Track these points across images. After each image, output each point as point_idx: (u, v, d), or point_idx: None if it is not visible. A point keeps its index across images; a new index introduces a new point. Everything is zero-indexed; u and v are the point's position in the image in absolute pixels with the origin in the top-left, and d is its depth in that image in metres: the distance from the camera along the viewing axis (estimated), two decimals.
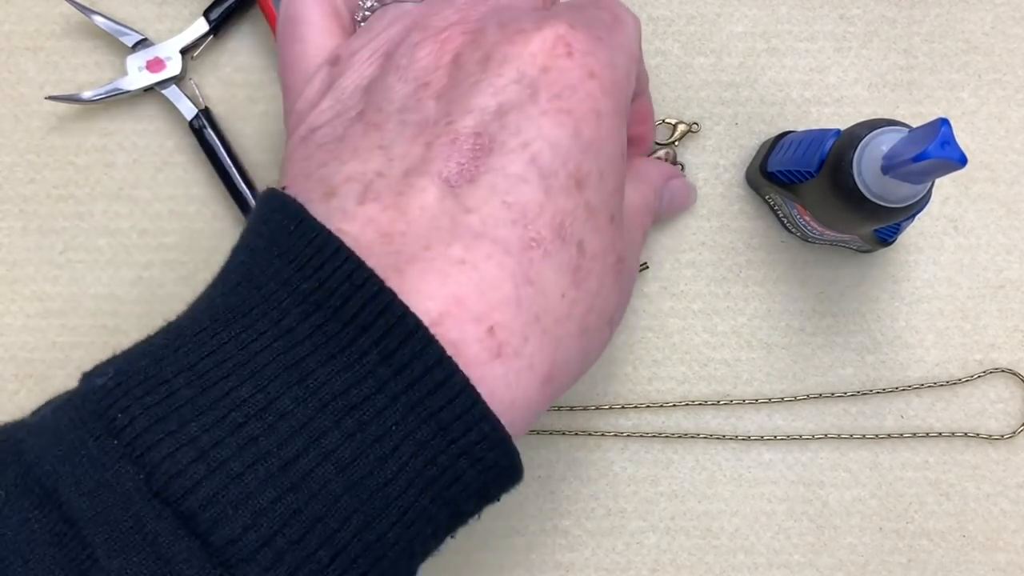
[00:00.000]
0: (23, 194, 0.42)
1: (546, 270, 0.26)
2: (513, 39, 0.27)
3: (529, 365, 0.26)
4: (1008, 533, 0.40)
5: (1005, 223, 0.41)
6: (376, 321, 0.24)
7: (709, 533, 0.40)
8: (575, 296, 0.27)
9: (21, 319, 0.41)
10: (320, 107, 0.29)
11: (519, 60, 0.27)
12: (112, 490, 0.22)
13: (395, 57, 0.28)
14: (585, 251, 0.27)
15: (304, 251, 0.25)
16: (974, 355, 0.41)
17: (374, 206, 0.25)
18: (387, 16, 0.30)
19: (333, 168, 0.27)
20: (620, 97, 0.28)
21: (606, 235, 0.28)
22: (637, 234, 0.32)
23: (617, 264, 0.29)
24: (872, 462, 0.40)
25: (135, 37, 0.41)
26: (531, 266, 0.26)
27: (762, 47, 0.42)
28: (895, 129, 0.31)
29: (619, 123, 0.28)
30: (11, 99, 0.42)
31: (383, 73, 0.28)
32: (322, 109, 0.29)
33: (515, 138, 0.26)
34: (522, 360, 0.26)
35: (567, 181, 0.26)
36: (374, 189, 0.26)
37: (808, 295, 0.41)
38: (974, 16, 0.41)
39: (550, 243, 0.26)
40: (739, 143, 0.41)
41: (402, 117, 0.27)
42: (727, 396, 0.41)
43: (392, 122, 0.27)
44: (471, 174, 0.26)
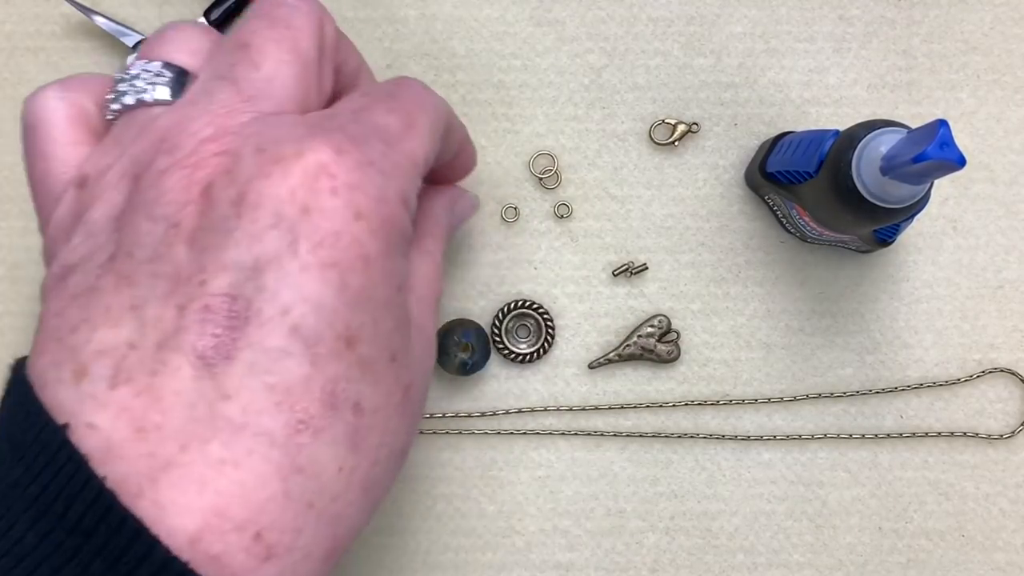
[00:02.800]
0: (23, 194, 0.42)
1: (318, 450, 0.24)
2: (270, 172, 0.24)
3: (305, 556, 0.24)
4: (1007, 533, 0.40)
5: (1004, 223, 0.41)
6: (98, 527, 0.22)
7: (709, 533, 0.40)
8: (355, 462, 0.25)
9: (21, 319, 0.41)
10: (72, 242, 0.26)
11: (276, 200, 0.24)
12: None
13: (142, 186, 0.25)
14: (363, 409, 0.25)
15: (32, 448, 0.23)
16: (973, 355, 0.41)
17: (126, 390, 0.23)
18: (134, 126, 0.27)
19: (84, 335, 0.24)
20: (392, 231, 0.26)
21: (387, 379, 0.26)
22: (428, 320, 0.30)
23: (404, 397, 0.27)
24: (872, 462, 0.41)
25: (135, 37, 0.41)
26: (299, 452, 0.24)
27: (761, 48, 0.42)
28: (894, 130, 0.31)
29: (392, 261, 0.26)
30: (11, 99, 0.42)
31: (131, 207, 0.25)
32: (73, 246, 0.26)
33: (273, 304, 0.24)
34: (296, 553, 0.24)
35: (335, 344, 0.24)
36: (126, 368, 0.23)
37: (808, 295, 0.41)
38: (973, 16, 0.42)
39: (320, 419, 0.24)
40: (738, 143, 0.41)
41: (153, 268, 0.24)
42: (727, 396, 0.41)
43: (143, 274, 0.24)
44: (228, 349, 0.23)
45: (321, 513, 0.24)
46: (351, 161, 0.25)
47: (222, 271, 0.24)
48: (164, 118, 0.26)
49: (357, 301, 0.25)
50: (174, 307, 0.24)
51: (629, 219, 0.41)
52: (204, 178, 0.25)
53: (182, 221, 0.25)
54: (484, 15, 0.42)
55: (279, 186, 0.24)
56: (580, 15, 0.42)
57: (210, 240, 0.24)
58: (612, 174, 0.41)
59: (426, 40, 0.42)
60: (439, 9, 0.42)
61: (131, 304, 0.24)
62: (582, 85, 0.42)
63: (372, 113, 0.27)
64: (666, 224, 0.41)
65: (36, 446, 0.23)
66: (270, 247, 0.24)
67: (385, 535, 0.40)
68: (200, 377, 0.23)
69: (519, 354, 0.41)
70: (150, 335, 0.24)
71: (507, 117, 0.42)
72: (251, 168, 0.24)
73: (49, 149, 0.28)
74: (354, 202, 0.25)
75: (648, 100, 0.42)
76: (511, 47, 0.42)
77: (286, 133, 0.25)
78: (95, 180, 0.27)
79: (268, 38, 0.27)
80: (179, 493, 0.23)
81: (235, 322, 0.24)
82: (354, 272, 0.25)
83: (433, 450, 0.41)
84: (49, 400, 0.24)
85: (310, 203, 0.24)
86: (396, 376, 0.27)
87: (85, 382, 0.24)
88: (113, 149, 0.27)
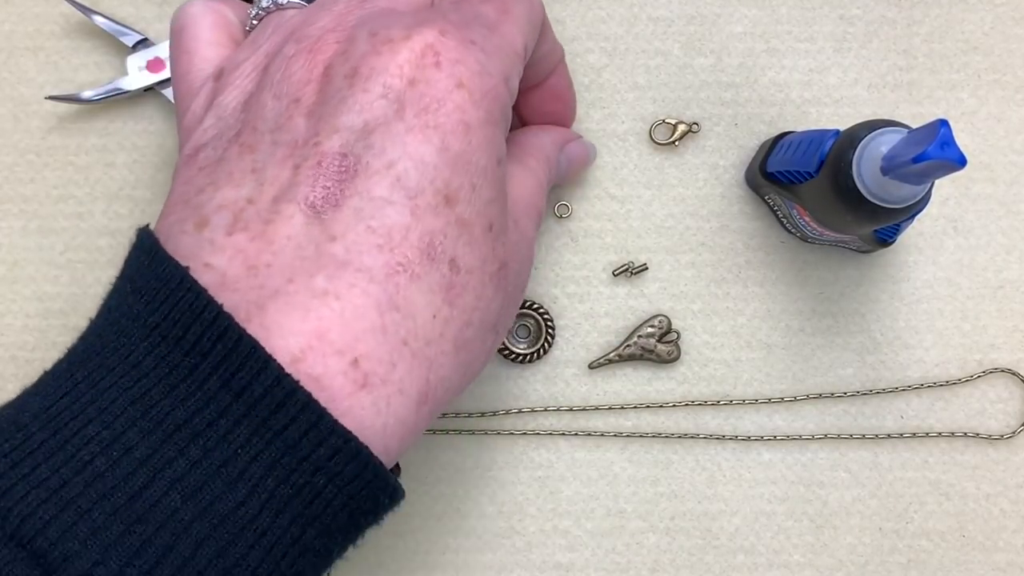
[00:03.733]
0: (23, 194, 0.42)
1: (414, 293, 0.26)
2: (380, 50, 0.27)
3: (399, 390, 0.26)
4: (1008, 533, 0.40)
5: (1005, 223, 0.41)
6: (214, 347, 0.24)
7: (709, 533, 0.40)
8: (448, 314, 0.27)
9: (21, 319, 0.41)
10: (204, 125, 0.29)
11: (386, 73, 0.27)
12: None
13: (271, 71, 0.28)
14: (459, 267, 0.27)
15: (152, 285, 0.25)
16: (974, 355, 0.41)
17: (242, 236, 0.26)
18: (269, 26, 0.30)
19: (208, 195, 0.27)
20: (493, 105, 0.28)
21: (483, 246, 0.28)
22: (528, 226, 0.32)
23: (500, 271, 0.29)
24: (872, 462, 0.40)
25: (135, 37, 0.41)
26: (397, 291, 0.26)
27: (762, 47, 0.42)
28: (895, 130, 0.31)
29: (493, 131, 0.28)
30: (11, 99, 0.42)
31: (259, 88, 0.28)
32: (205, 127, 0.29)
33: (380, 159, 0.26)
34: (390, 386, 0.26)
35: (435, 199, 0.26)
36: (243, 218, 0.26)
37: (808, 295, 0.41)
38: (974, 16, 0.41)
39: (418, 265, 0.26)
40: (739, 143, 0.41)
41: (274, 137, 0.27)
42: (727, 396, 0.41)
43: (265, 143, 0.27)
44: (336, 199, 0.26)
45: (415, 353, 0.26)
46: (454, 40, 0.27)
47: (335, 133, 0.26)
48: (296, 17, 0.30)
49: (457, 163, 0.27)
50: (291, 167, 0.26)
51: (629, 219, 0.41)
52: (324, 60, 0.28)
53: (303, 97, 0.27)
54: None
55: (389, 61, 0.27)
56: (580, 15, 0.42)
57: (325, 110, 0.27)
58: (612, 174, 0.41)
59: None
60: None
61: (252, 168, 0.27)
62: (582, 85, 0.42)
63: (471, 3, 0.30)
64: (666, 224, 0.41)
65: (157, 283, 0.25)
66: (379, 112, 0.26)
67: (385, 535, 0.40)
68: (310, 223, 0.26)
69: (519, 354, 0.41)
70: (267, 191, 0.26)
71: None
72: (364, 47, 0.27)
73: (193, 46, 0.31)
74: (456, 73, 0.27)
75: (648, 100, 0.42)
76: None
77: (396, 20, 0.28)
78: (230, 71, 0.29)
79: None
80: (284, 317, 0.24)
81: (344, 175, 0.26)
82: (455, 135, 0.27)
83: (433, 450, 0.41)
84: (172, 248, 0.26)
85: (416, 75, 0.27)
86: (492, 246, 0.28)
87: (206, 230, 0.26)
88: (249, 47, 0.30)
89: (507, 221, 0.29)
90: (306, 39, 0.28)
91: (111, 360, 0.25)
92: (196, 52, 0.31)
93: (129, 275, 0.27)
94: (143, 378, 0.24)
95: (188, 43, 0.31)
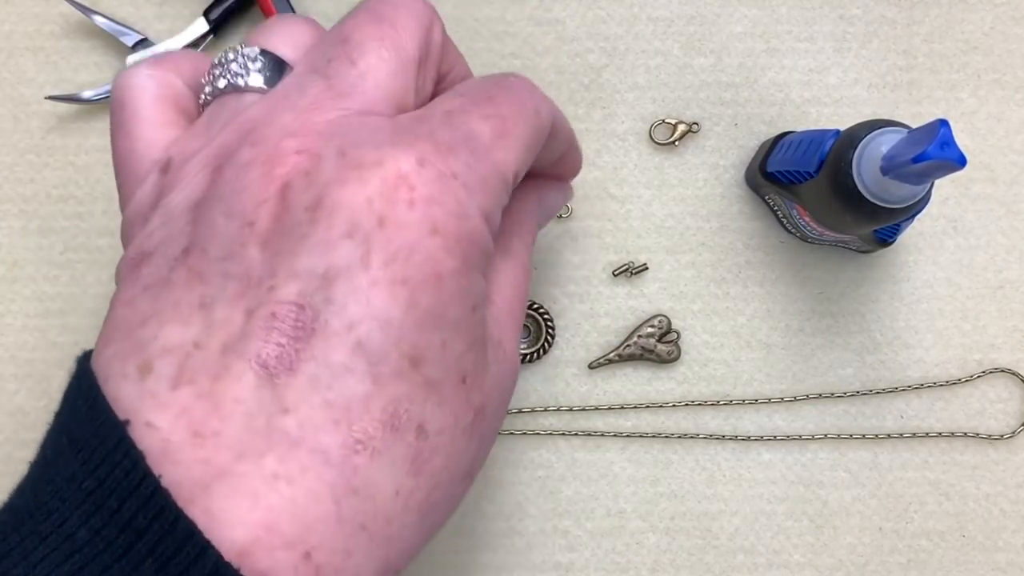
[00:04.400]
0: (23, 194, 0.42)
1: (374, 472, 0.24)
2: (348, 176, 0.24)
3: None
4: (1008, 533, 0.40)
5: (1005, 223, 0.41)
6: (150, 526, 0.22)
7: (709, 533, 0.40)
8: (414, 485, 0.25)
9: (21, 319, 0.41)
10: (149, 226, 0.26)
11: (352, 208, 0.23)
12: None
13: (223, 177, 0.25)
14: (427, 431, 0.25)
15: (90, 442, 0.23)
16: (974, 355, 0.41)
17: (188, 392, 0.23)
18: (224, 113, 0.26)
19: (151, 329, 0.24)
20: (470, 249, 0.25)
21: (455, 401, 0.25)
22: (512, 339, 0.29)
23: (475, 420, 0.26)
24: (872, 462, 0.40)
25: (135, 37, 0.41)
26: (355, 473, 0.23)
27: (762, 47, 0.42)
28: (894, 130, 0.31)
29: (468, 278, 0.25)
30: (11, 99, 0.42)
31: (209, 196, 0.25)
32: (151, 230, 0.26)
33: (340, 317, 0.23)
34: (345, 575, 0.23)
35: (400, 363, 0.24)
36: (190, 367, 0.23)
37: (808, 295, 0.41)
38: (974, 16, 0.41)
39: (379, 440, 0.24)
40: (739, 143, 0.41)
41: (225, 267, 0.24)
42: (727, 396, 0.41)
43: (215, 272, 0.24)
44: (291, 360, 0.23)
45: (374, 536, 0.24)
46: (432, 173, 0.24)
47: (292, 278, 0.23)
48: (254, 108, 0.26)
49: (426, 320, 0.24)
50: (242, 310, 0.24)
51: (629, 219, 0.41)
52: (283, 176, 0.24)
53: (257, 220, 0.24)
54: (484, 15, 0.42)
55: (356, 194, 0.24)
56: (580, 15, 0.42)
57: (283, 244, 0.24)
58: (612, 174, 0.41)
59: None
60: (439, 9, 0.42)
61: (200, 302, 0.24)
62: (582, 85, 0.42)
63: (465, 118, 0.26)
64: (666, 224, 0.41)
65: (95, 440, 0.23)
66: (342, 257, 0.23)
67: None
68: (261, 386, 0.23)
69: (519, 354, 0.40)
70: (216, 336, 0.23)
71: None
72: (330, 172, 0.24)
73: (136, 129, 0.27)
74: (431, 216, 0.24)
75: (648, 100, 0.42)
76: (511, 47, 0.42)
77: (369, 137, 0.24)
78: (178, 165, 0.26)
79: (369, 34, 0.26)
80: (231, 504, 0.22)
81: (301, 332, 0.23)
82: (425, 290, 0.24)
83: None
84: (111, 393, 0.23)
85: (386, 214, 0.24)
86: (466, 398, 0.26)
87: (149, 379, 0.23)
88: (202, 134, 0.26)
89: (486, 360, 0.27)
90: (263, 143, 0.25)
91: (45, 526, 0.23)
92: (139, 134, 0.27)
93: (67, 421, 0.24)
94: (76, 552, 0.22)
95: (130, 121, 0.27)
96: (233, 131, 0.26)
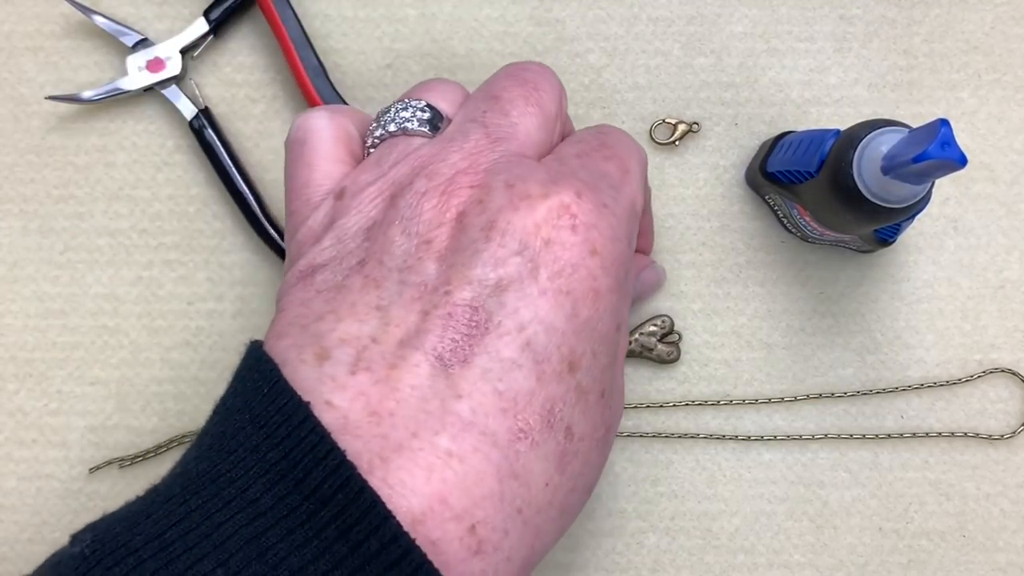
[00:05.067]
0: (23, 194, 0.42)
1: (532, 461, 0.26)
2: (518, 205, 0.27)
3: (507, 558, 0.26)
4: (1008, 533, 0.40)
5: (1005, 223, 0.41)
6: (335, 496, 0.23)
7: (709, 533, 0.40)
8: (559, 482, 0.27)
9: (21, 319, 0.41)
10: (322, 244, 0.29)
11: (522, 231, 0.27)
12: None
13: (399, 204, 0.28)
14: (573, 434, 0.27)
15: (274, 418, 0.25)
16: (974, 355, 0.41)
17: (365, 377, 0.25)
18: (395, 151, 0.30)
19: (328, 324, 0.26)
20: (620, 271, 0.28)
21: (595, 413, 0.28)
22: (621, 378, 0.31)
23: (606, 436, 0.29)
24: (872, 462, 0.40)
25: (135, 37, 0.41)
26: (517, 459, 0.25)
27: (762, 47, 0.42)
28: (895, 129, 0.31)
29: (618, 297, 0.28)
30: (11, 99, 0.42)
31: (386, 220, 0.28)
32: (324, 247, 0.28)
33: (511, 319, 0.26)
34: (501, 554, 0.25)
35: (560, 365, 0.26)
36: (367, 357, 0.26)
37: (808, 295, 0.41)
38: (974, 16, 0.41)
39: (538, 432, 0.26)
40: (739, 143, 0.41)
41: (402, 276, 0.27)
42: (727, 396, 0.41)
43: (391, 280, 0.27)
44: (465, 354, 0.26)
45: (527, 521, 0.26)
46: (589, 203, 0.27)
47: (467, 284, 0.26)
48: (424, 149, 0.29)
49: (583, 329, 0.27)
50: (418, 311, 0.26)
51: None
52: (458, 205, 0.27)
53: (434, 240, 0.27)
54: (484, 15, 0.42)
55: (526, 218, 0.27)
56: (580, 15, 0.42)
57: (458, 258, 0.27)
58: None
59: (426, 40, 0.42)
60: (439, 9, 0.42)
61: (377, 304, 0.27)
62: (582, 85, 0.42)
63: (593, 160, 0.30)
64: (666, 224, 0.41)
65: (278, 416, 0.24)
66: (513, 270, 0.26)
67: None
68: (436, 375, 0.25)
69: None
70: (393, 332, 0.26)
71: None
72: (501, 200, 0.27)
73: (315, 160, 0.31)
74: (591, 239, 0.27)
75: (648, 100, 0.42)
76: (511, 47, 0.42)
77: (531, 173, 0.28)
78: (353, 193, 0.29)
79: (517, 94, 0.30)
80: (407, 475, 0.24)
81: (474, 330, 0.26)
82: (585, 302, 0.27)
83: None
84: (290, 378, 0.25)
85: (552, 237, 0.27)
86: (603, 412, 0.28)
87: (327, 364, 0.25)
88: (373, 169, 0.30)
89: (616, 381, 0.29)
90: (438, 177, 0.28)
91: (227, 492, 0.24)
92: (317, 166, 0.30)
93: (246, 401, 0.26)
94: (260, 516, 0.24)
95: (310, 156, 0.31)
96: (407, 166, 0.29)
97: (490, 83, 0.31)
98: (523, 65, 0.32)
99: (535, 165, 0.29)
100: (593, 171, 0.29)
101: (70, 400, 0.41)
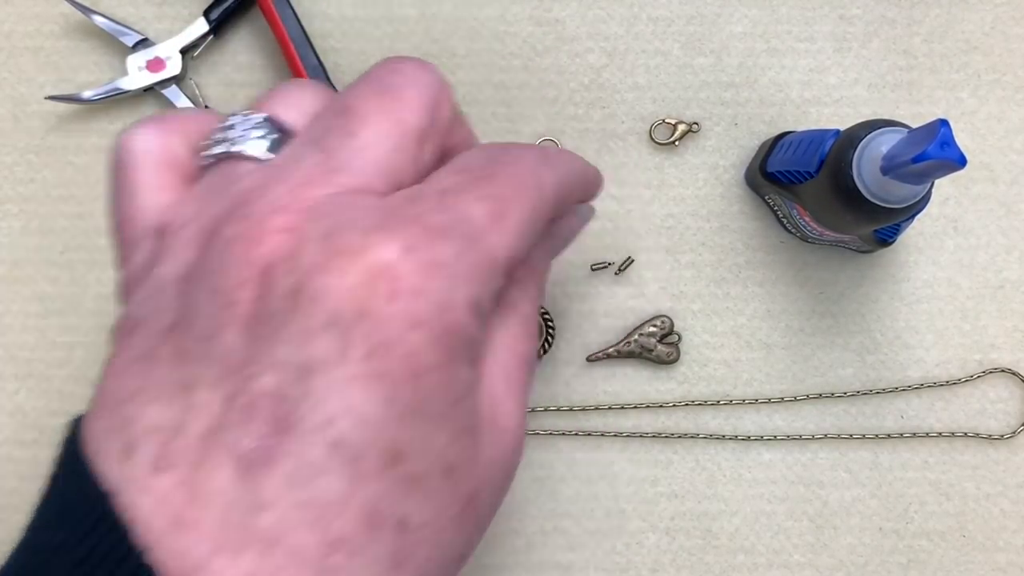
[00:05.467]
0: (23, 194, 0.42)
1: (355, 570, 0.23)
2: (330, 266, 0.23)
3: None
4: (1008, 533, 0.40)
5: (1005, 223, 0.41)
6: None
7: (709, 533, 0.40)
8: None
9: (21, 319, 0.41)
10: (137, 296, 0.25)
11: (335, 298, 0.23)
12: None
13: (210, 251, 0.24)
14: (408, 527, 0.24)
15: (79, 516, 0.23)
16: (974, 355, 0.41)
17: (168, 478, 0.23)
18: (222, 180, 0.26)
19: (137, 406, 0.24)
20: (456, 342, 0.24)
21: (441, 493, 0.24)
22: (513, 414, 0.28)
23: (466, 508, 0.25)
24: (872, 462, 0.40)
25: (135, 37, 0.41)
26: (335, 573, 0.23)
27: (762, 47, 0.42)
28: (894, 130, 0.31)
29: (453, 370, 0.24)
30: (11, 99, 0.42)
31: (196, 272, 0.24)
32: (141, 298, 0.25)
33: (318, 412, 0.22)
34: None
35: (378, 461, 0.23)
36: (171, 453, 0.23)
37: (808, 295, 0.41)
38: (974, 16, 0.41)
39: (357, 539, 0.23)
40: (739, 143, 0.41)
41: (207, 348, 0.23)
42: (727, 396, 0.41)
43: (198, 352, 0.24)
44: (268, 455, 0.22)
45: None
46: (417, 262, 0.23)
47: (271, 368, 0.23)
48: (249, 178, 0.25)
49: (406, 416, 0.23)
50: (222, 396, 0.23)
51: (629, 219, 0.41)
52: (265, 255, 0.23)
53: (238, 301, 0.23)
54: (484, 15, 0.42)
55: (338, 283, 0.23)
56: (580, 15, 0.42)
57: (263, 330, 0.23)
58: (612, 174, 0.41)
59: (426, 40, 0.42)
60: (439, 9, 0.42)
61: (183, 383, 0.24)
62: (582, 85, 0.42)
63: (460, 198, 0.25)
64: (666, 224, 0.41)
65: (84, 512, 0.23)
66: (321, 349, 0.23)
67: None
68: (239, 479, 0.22)
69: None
70: (197, 422, 0.23)
71: (507, 117, 0.42)
72: (313, 256, 0.23)
73: (134, 189, 0.27)
74: (413, 309, 0.23)
75: (648, 100, 0.42)
76: (511, 47, 0.42)
77: (358, 219, 0.24)
78: (172, 233, 0.26)
79: (372, 107, 0.26)
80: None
81: (279, 425, 0.23)
82: (405, 385, 0.23)
83: None
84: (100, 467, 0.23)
85: (366, 306, 0.23)
86: (452, 489, 0.25)
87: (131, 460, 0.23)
88: (197, 201, 0.26)
89: (476, 446, 0.26)
90: (250, 218, 0.24)
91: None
92: (137, 196, 0.27)
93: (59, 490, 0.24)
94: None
95: (129, 184, 0.27)
96: (227, 200, 0.25)
97: (349, 88, 0.26)
98: (392, 65, 0.27)
99: (370, 206, 0.24)
100: (449, 213, 0.24)
101: (70, 400, 0.41)
